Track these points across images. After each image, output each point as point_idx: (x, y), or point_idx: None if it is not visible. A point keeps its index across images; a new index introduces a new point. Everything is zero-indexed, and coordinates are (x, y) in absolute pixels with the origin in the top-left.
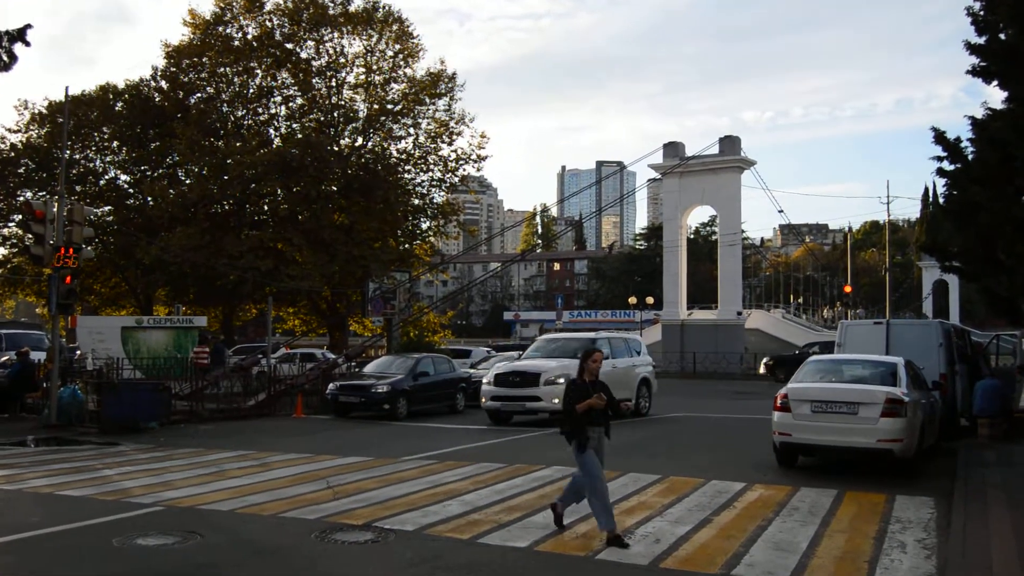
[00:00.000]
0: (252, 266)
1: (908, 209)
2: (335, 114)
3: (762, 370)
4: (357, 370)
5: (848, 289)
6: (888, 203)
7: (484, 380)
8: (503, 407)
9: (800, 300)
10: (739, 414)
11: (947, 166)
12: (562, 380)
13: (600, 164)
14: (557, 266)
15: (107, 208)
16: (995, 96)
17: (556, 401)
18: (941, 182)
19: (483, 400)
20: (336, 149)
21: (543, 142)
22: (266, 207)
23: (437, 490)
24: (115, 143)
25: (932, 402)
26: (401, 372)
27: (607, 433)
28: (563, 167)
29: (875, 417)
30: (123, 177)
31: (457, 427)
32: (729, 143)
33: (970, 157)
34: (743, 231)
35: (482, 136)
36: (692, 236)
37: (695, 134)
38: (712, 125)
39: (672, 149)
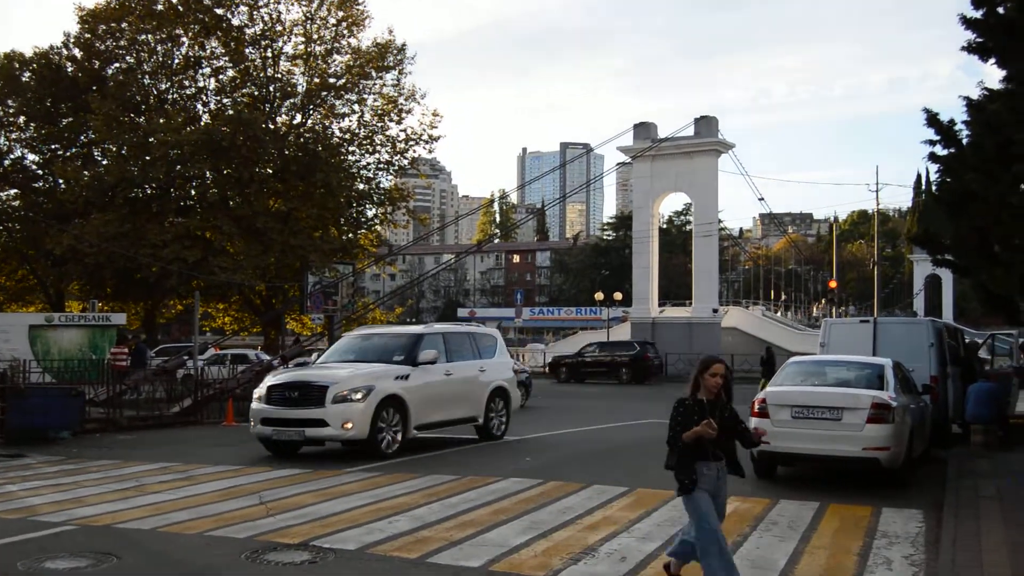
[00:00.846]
0: (177, 257)
1: (899, 198)
2: (271, 88)
3: (546, 368)
4: None
5: (833, 284)
6: (877, 191)
7: (255, 395)
8: (275, 435)
9: (784, 297)
10: None
11: (940, 151)
12: (360, 396)
13: (565, 146)
14: (517, 258)
15: (12, 192)
16: (994, 75)
17: (350, 426)
18: (934, 168)
19: (252, 424)
20: (272, 127)
21: (502, 122)
22: (193, 191)
23: (382, 504)
24: (22, 118)
25: (922, 407)
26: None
27: (733, 468)
28: (524, 149)
29: (860, 423)
30: (31, 157)
31: None
32: (705, 124)
33: (965, 141)
34: (720, 221)
35: (434, 114)
36: (665, 226)
37: (669, 114)
38: (687, 104)
39: (643, 130)
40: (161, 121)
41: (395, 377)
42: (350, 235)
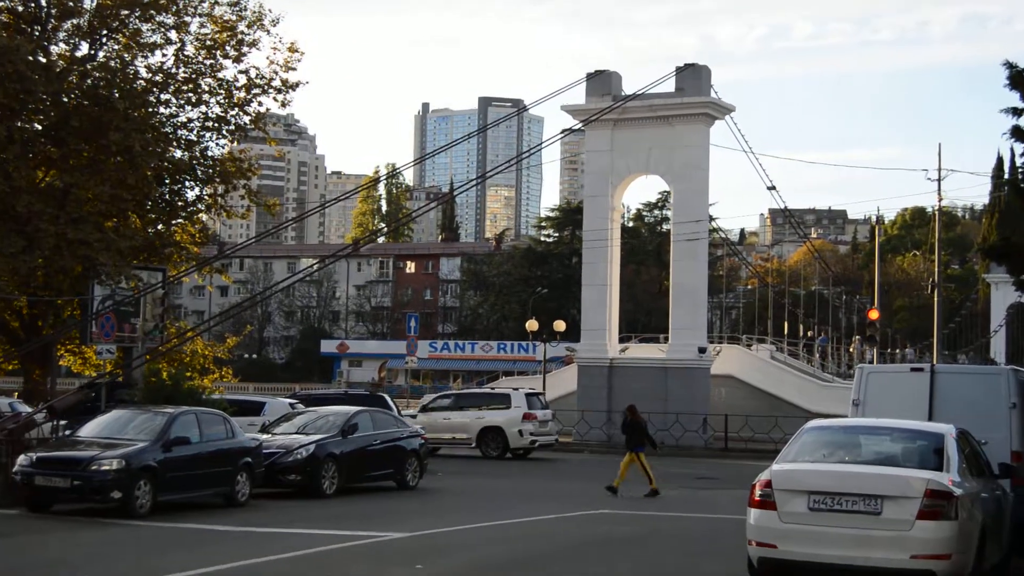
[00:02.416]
0: None
1: (973, 190)
2: (42, 3)
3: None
4: (69, 433)
5: (874, 315)
6: (939, 180)
7: None
8: None
9: (810, 332)
10: (698, 512)
11: None
12: None
13: (485, 103)
14: (411, 267)
15: None
16: None
17: None
18: (1020, 150)
19: None
20: (43, 61)
21: (393, 64)
22: None
23: None
24: None
25: (998, 497)
26: (144, 437)
27: None
28: (424, 107)
29: (909, 519)
30: None
31: (237, 529)
32: (693, 77)
33: None
34: (712, 219)
35: (291, 49)
36: (631, 224)
37: (640, 59)
38: (667, 46)
39: (601, 83)
40: None
41: None
42: (160, 227)
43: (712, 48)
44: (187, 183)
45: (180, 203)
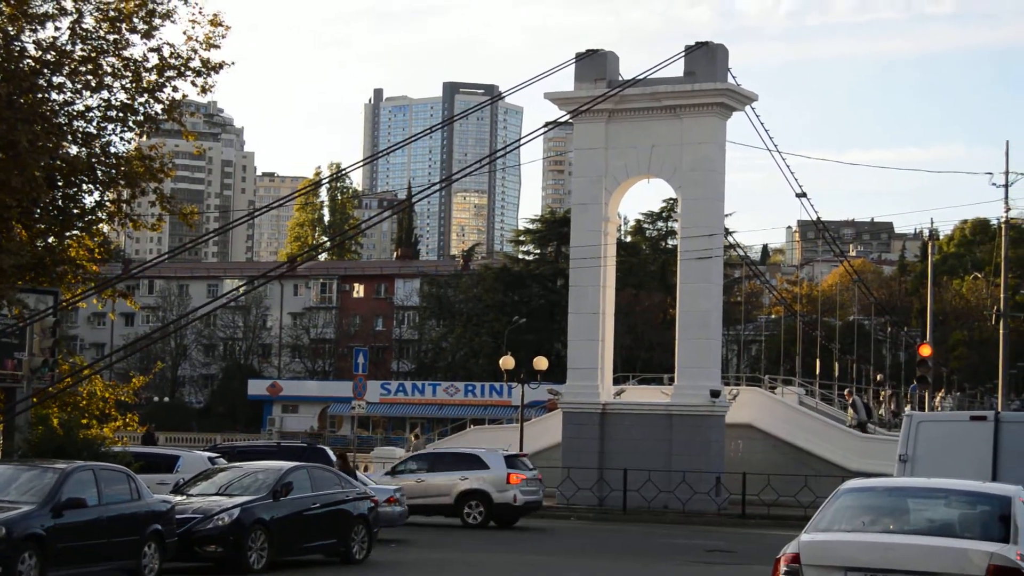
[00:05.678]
0: None
1: None
2: None
3: None
4: None
5: (926, 351)
6: (1007, 185)
7: None
8: None
9: (880, 377)
10: None
11: None
12: None
13: (452, 89)
14: (360, 290)
15: None
16: None
17: None
18: None
19: None
20: None
21: (338, 42)
22: None
23: None
24: None
25: None
26: (29, 499)
27: None
28: (376, 92)
29: None
30: None
31: None
32: (706, 58)
33: None
34: (729, 233)
35: (214, 23)
36: (629, 239)
37: (641, 37)
38: (675, 21)
39: (594, 65)
40: None
41: None
42: (51, 240)
43: (731, 24)
44: (85, 186)
45: (76, 211)
